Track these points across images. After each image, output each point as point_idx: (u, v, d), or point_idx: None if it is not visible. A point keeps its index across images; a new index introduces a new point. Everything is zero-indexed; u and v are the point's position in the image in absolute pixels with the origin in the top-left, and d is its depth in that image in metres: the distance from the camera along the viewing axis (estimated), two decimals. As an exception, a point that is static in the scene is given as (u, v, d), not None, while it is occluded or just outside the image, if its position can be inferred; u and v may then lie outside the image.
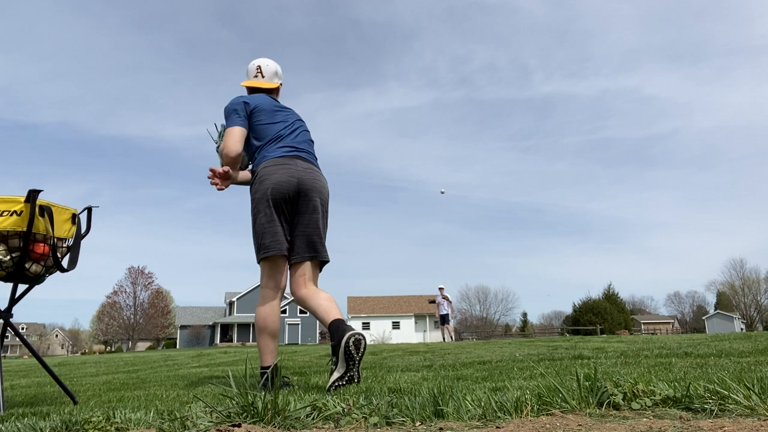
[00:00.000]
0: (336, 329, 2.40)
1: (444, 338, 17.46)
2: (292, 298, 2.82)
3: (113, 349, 56.66)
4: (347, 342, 2.32)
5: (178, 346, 51.94)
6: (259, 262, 2.72)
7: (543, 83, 72.11)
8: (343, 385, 2.29)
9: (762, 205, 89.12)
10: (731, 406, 1.37)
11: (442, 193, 15.14)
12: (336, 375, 2.32)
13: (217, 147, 2.98)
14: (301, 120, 3.01)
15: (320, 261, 2.75)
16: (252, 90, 3.05)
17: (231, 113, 2.82)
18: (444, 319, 17.38)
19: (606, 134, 76.12)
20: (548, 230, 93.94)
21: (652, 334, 35.35)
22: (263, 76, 3.06)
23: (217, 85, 76.15)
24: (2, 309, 2.47)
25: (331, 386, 2.29)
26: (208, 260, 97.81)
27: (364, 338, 2.40)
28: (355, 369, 2.33)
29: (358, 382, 2.36)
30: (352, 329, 2.39)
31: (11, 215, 2.33)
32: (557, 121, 75.04)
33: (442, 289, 17.66)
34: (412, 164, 77.29)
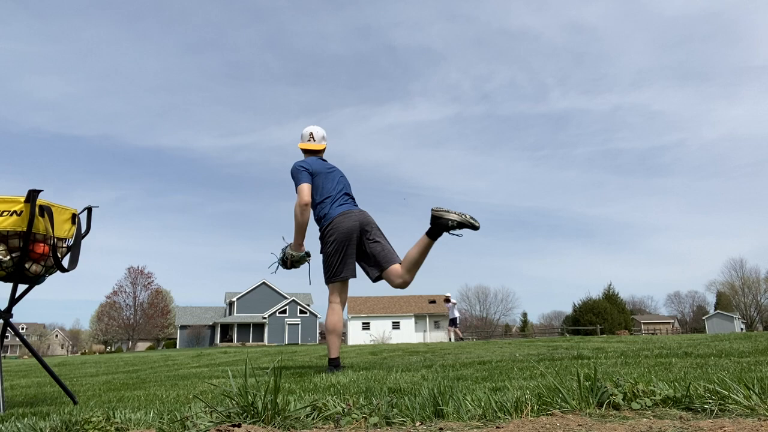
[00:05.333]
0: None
1: (450, 338, 19.47)
2: (291, 299, 3.05)
3: (113, 349, 56.64)
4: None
5: (178, 346, 51.92)
6: (329, 284, 3.66)
7: (559, 99, 76.61)
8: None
9: (761, 206, 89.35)
10: (731, 406, 1.37)
11: (404, 199, 17.59)
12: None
13: (283, 258, 3.88)
14: (343, 176, 3.90)
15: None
16: (306, 151, 3.96)
17: (299, 173, 3.72)
18: (453, 322, 19.84)
19: (615, 145, 79.41)
20: (551, 232, 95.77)
21: (652, 334, 35.32)
22: (314, 140, 3.97)
23: (256, 101, 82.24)
24: (2, 309, 2.47)
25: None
26: (208, 260, 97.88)
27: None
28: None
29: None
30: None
31: (11, 215, 2.33)
32: (570, 133, 78.74)
33: (450, 297, 20.12)
34: (429, 172, 79.76)
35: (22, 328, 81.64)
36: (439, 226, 3.45)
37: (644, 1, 72.99)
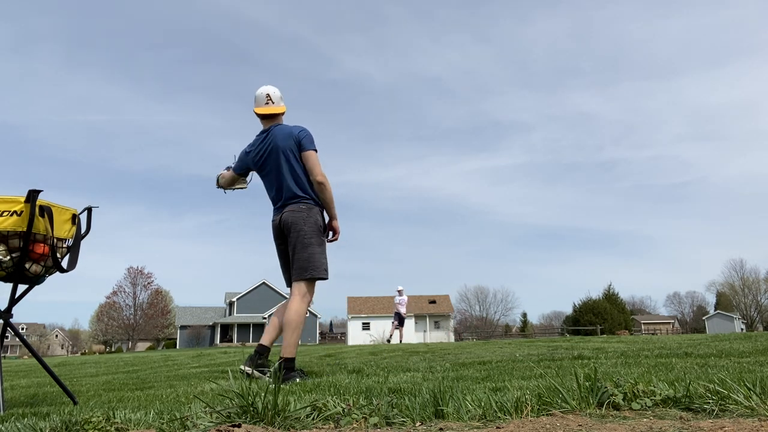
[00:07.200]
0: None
1: (401, 340, 17.17)
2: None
3: (113, 350, 56.63)
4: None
5: (178, 347, 51.88)
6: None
7: (612, 152, 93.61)
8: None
9: (762, 205, 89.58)
10: (731, 407, 1.37)
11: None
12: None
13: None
14: (277, 159, 3.41)
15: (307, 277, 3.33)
16: (265, 116, 3.52)
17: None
18: (402, 320, 17.30)
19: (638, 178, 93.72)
20: (556, 243, 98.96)
21: (653, 334, 35.29)
22: (273, 102, 3.53)
23: (383, 156, 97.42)
24: (2, 309, 2.47)
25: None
26: (208, 260, 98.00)
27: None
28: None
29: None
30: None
31: (11, 215, 2.33)
32: (611, 175, 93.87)
33: (401, 290, 17.47)
34: (485, 197, 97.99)
35: (22, 328, 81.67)
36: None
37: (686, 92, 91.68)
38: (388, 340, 17.53)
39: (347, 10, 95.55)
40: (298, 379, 3.08)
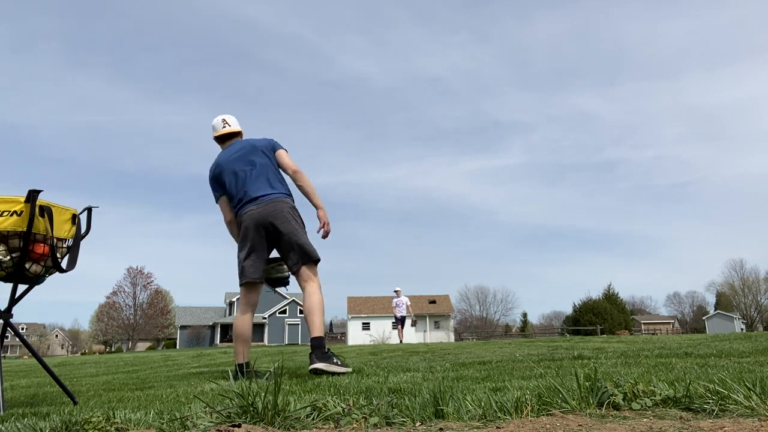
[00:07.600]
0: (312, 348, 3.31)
1: (401, 340, 17.44)
2: (292, 299, 3.18)
3: (113, 350, 56.62)
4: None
5: (178, 347, 51.89)
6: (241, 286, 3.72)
7: (612, 152, 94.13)
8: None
9: (761, 205, 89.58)
10: (731, 407, 1.37)
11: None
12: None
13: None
14: (251, 158, 3.59)
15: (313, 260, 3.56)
16: (224, 137, 3.76)
17: (211, 189, 3.75)
18: (402, 321, 17.54)
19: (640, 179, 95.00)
20: (554, 241, 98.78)
21: (653, 334, 35.29)
22: (230, 125, 3.79)
23: (380, 155, 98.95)
24: (2, 309, 2.47)
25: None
26: (208, 260, 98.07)
27: (321, 371, 3.17)
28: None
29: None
30: (315, 361, 3.20)
31: (11, 215, 2.33)
32: (612, 175, 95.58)
33: (399, 291, 17.69)
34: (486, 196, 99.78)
35: (22, 328, 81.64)
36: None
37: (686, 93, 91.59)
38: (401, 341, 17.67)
39: (347, 10, 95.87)
40: (335, 360, 3.24)
